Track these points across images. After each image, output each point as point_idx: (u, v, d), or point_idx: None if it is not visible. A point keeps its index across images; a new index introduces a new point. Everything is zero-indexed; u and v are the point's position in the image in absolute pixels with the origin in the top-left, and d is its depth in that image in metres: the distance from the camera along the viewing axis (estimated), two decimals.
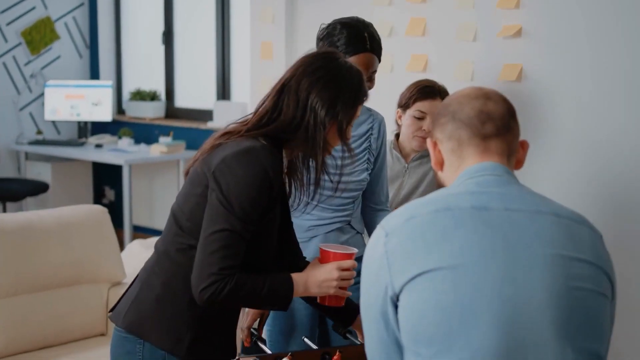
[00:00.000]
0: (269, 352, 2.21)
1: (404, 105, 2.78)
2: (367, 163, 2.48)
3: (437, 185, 1.60)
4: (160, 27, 6.06)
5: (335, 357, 2.10)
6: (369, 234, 2.57)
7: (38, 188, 5.63)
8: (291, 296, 1.87)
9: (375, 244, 1.46)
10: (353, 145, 2.42)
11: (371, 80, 2.37)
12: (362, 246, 2.55)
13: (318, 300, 2.01)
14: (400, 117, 2.81)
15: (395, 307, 1.41)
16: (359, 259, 2.47)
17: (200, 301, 1.79)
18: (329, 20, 2.41)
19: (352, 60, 2.29)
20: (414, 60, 3.14)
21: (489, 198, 1.44)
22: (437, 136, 1.54)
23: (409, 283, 1.38)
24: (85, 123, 6.10)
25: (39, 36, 6.05)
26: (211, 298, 1.77)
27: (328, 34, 2.36)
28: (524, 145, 1.54)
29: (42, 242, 3.19)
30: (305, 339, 2.38)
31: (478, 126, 1.48)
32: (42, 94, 6.04)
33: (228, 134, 1.88)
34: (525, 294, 1.36)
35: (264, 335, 2.48)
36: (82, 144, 5.92)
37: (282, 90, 1.87)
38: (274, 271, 1.91)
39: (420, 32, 3.15)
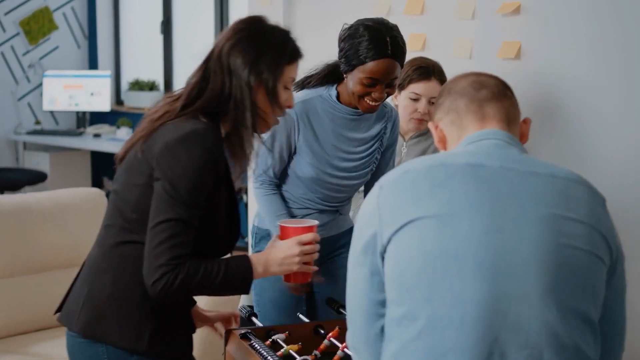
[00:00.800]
0: (260, 325, 2.21)
1: (399, 86, 2.76)
2: (374, 162, 2.49)
3: None
4: (159, 17, 6.04)
5: (333, 333, 2.08)
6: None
7: (36, 178, 5.61)
8: (250, 279, 1.81)
9: (370, 198, 1.48)
10: (361, 148, 2.43)
11: (391, 87, 2.32)
12: (344, 222, 2.56)
13: (283, 279, 1.96)
14: (396, 97, 2.79)
15: (382, 259, 1.42)
16: (347, 232, 2.52)
17: (153, 295, 1.72)
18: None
19: (372, 65, 2.25)
20: (413, 39, 3.12)
21: (485, 157, 1.44)
22: (437, 117, 1.57)
23: (397, 233, 1.39)
24: (84, 113, 6.08)
25: (37, 26, 6.04)
26: (164, 290, 1.70)
27: (350, 36, 2.30)
28: (526, 121, 1.57)
29: (39, 224, 3.18)
30: (300, 315, 2.36)
31: (473, 93, 1.52)
32: (41, 84, 6.02)
33: (165, 114, 1.80)
34: (512, 245, 1.35)
35: (254, 306, 2.48)
36: (80, 134, 5.90)
37: (209, 59, 1.82)
38: (225, 255, 1.86)
39: (419, 11, 3.13)
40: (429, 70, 2.71)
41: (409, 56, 2.79)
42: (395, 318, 1.39)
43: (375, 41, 2.25)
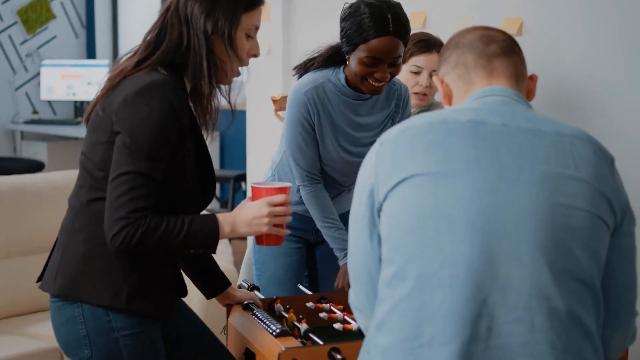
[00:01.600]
0: (262, 296, 2.18)
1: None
2: None
3: None
4: (157, 5, 6.01)
5: (339, 307, 2.05)
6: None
7: (34, 167, 5.58)
8: (216, 238, 1.75)
9: (370, 154, 1.45)
10: (373, 133, 2.35)
11: (395, 66, 2.24)
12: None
13: (256, 242, 1.91)
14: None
15: (379, 216, 1.39)
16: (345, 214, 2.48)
17: (113, 249, 1.68)
18: None
19: (374, 43, 2.18)
20: (413, 17, 3.08)
21: (489, 114, 1.40)
22: (442, 72, 1.52)
23: (393, 190, 1.37)
24: (82, 103, 6.05)
25: (35, 15, 6.01)
26: (123, 244, 1.66)
27: (351, 14, 2.23)
28: (533, 78, 1.53)
29: (35, 205, 3.17)
30: (300, 286, 2.33)
31: (482, 47, 1.47)
32: (38, 74, 5.99)
33: (122, 70, 1.76)
34: (505, 204, 1.32)
35: (255, 282, 2.45)
36: (78, 123, 5.87)
37: (167, 12, 1.78)
38: (197, 213, 1.81)
39: None
40: (430, 43, 2.68)
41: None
42: (386, 278, 1.37)
43: (376, 18, 2.18)
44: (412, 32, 2.78)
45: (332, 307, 2.10)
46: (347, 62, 2.27)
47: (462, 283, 1.30)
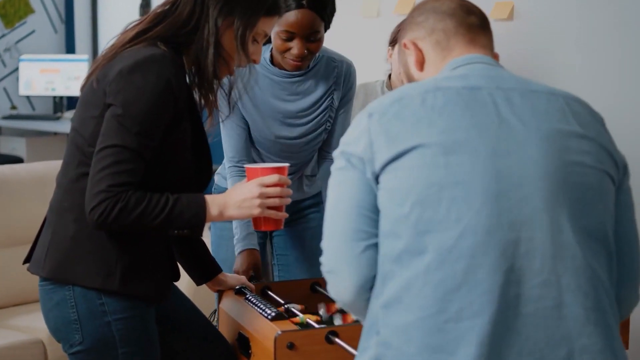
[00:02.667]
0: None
1: (392, 42, 2.69)
2: (327, 123, 2.33)
3: None
4: (138, 0, 5.93)
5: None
6: (320, 178, 2.44)
7: (12, 163, 5.47)
8: (202, 219, 1.66)
9: (357, 125, 1.37)
10: (308, 111, 2.28)
11: (313, 42, 2.15)
12: (312, 186, 2.45)
13: (253, 227, 1.84)
14: (390, 55, 2.72)
15: (376, 185, 1.32)
16: (314, 196, 2.41)
17: (91, 223, 1.61)
18: None
19: (287, 16, 2.07)
20: (402, 2, 3.06)
21: (479, 79, 1.37)
22: (413, 35, 1.47)
23: (394, 162, 1.30)
24: (61, 98, 5.95)
25: (13, 10, 5.90)
26: (100, 219, 1.58)
27: None
28: (496, 57, 1.49)
29: (17, 196, 3.12)
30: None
31: (463, 16, 1.45)
32: (17, 69, 5.89)
33: (122, 40, 1.70)
34: (519, 167, 1.28)
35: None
36: (57, 119, 5.78)
37: None
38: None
39: None
40: None
41: (399, 21, 2.72)
42: (392, 253, 1.29)
43: None
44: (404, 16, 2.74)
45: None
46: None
47: (485, 252, 1.25)
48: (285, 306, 1.95)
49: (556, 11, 2.77)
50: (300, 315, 1.88)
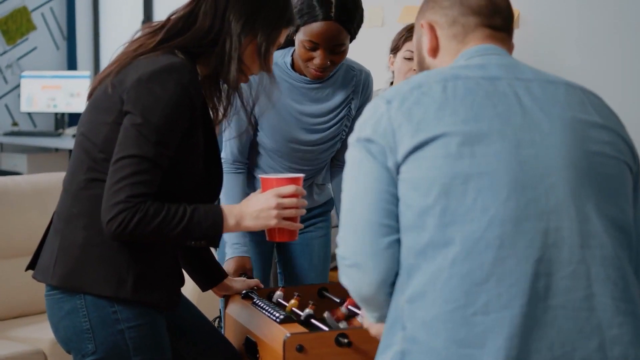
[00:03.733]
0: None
1: (394, 49, 2.68)
2: (343, 132, 2.31)
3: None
4: (140, 16, 5.93)
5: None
6: (332, 189, 2.41)
7: None
8: (220, 230, 1.64)
9: (374, 113, 1.32)
10: (325, 119, 2.25)
11: (337, 54, 2.13)
12: (321, 194, 2.41)
13: (268, 238, 1.81)
14: (392, 63, 2.71)
15: (397, 174, 1.28)
16: (324, 204, 2.39)
17: (109, 235, 1.57)
18: None
19: (313, 27, 2.06)
20: (406, 11, 3.05)
21: (497, 69, 1.35)
22: (434, 18, 1.43)
23: (417, 151, 1.26)
24: (62, 115, 5.94)
25: (15, 26, 5.91)
26: (119, 230, 1.56)
27: None
28: (511, 49, 1.46)
29: (17, 207, 3.10)
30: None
31: (487, 16, 1.41)
32: (18, 85, 5.88)
33: (139, 47, 1.67)
34: (544, 157, 1.26)
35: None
36: (59, 135, 5.76)
37: None
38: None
39: None
40: None
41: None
42: (417, 246, 1.26)
43: (320, 1, 2.06)
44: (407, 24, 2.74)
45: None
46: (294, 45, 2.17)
47: (513, 243, 1.22)
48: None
49: (561, 19, 2.76)
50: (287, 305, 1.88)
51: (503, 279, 1.21)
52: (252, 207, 1.70)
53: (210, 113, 1.77)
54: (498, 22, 1.41)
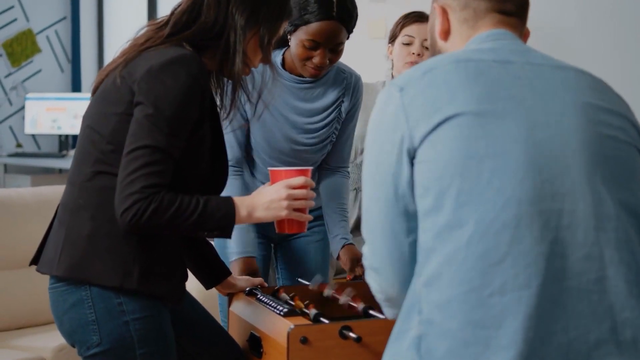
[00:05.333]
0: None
1: (392, 37, 2.71)
2: (333, 134, 2.32)
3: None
4: None
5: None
6: (319, 193, 2.39)
7: None
8: (232, 220, 1.65)
9: (388, 101, 1.32)
10: (316, 119, 2.26)
11: (336, 53, 2.16)
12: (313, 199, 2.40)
13: (277, 230, 1.82)
14: (391, 52, 2.73)
15: (411, 164, 1.28)
16: (317, 210, 2.35)
17: (123, 226, 1.57)
18: None
19: (315, 26, 2.09)
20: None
21: (509, 53, 1.35)
22: (447, 2, 1.44)
23: (432, 133, 1.25)
24: (67, 137, 5.96)
25: (20, 48, 5.95)
26: (134, 220, 1.55)
27: None
28: (527, 33, 1.48)
29: (21, 218, 3.09)
30: (300, 279, 2.22)
31: (500, 1, 1.41)
32: (23, 107, 5.90)
33: (147, 41, 1.69)
34: (559, 138, 1.25)
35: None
36: (62, 156, 5.77)
37: None
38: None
39: None
40: (421, 14, 2.65)
41: (405, 2, 2.73)
42: (432, 229, 1.24)
43: (321, 0, 2.09)
44: (402, 3, 2.75)
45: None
46: (288, 45, 2.19)
47: (529, 223, 1.20)
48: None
49: (562, 23, 2.78)
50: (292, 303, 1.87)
51: (519, 259, 1.20)
52: (264, 198, 1.71)
53: (218, 107, 1.78)
54: (510, 8, 1.41)
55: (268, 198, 1.71)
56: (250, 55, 1.73)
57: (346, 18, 2.12)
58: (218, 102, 1.79)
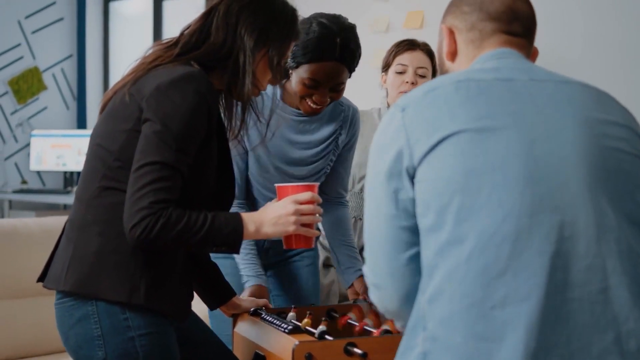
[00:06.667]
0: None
1: (385, 67, 2.74)
2: (328, 166, 2.32)
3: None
4: None
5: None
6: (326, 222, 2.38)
7: None
8: (240, 236, 1.65)
9: (390, 121, 1.34)
10: (311, 152, 2.27)
11: (336, 91, 2.15)
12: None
13: (285, 246, 1.82)
14: (384, 80, 2.76)
15: (412, 183, 1.29)
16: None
17: (132, 241, 1.57)
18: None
19: (316, 66, 2.09)
20: (410, 17, 3.10)
21: (512, 71, 1.36)
22: (454, 23, 1.46)
23: (432, 151, 1.27)
24: (71, 173, 5.98)
25: (26, 86, 6.01)
26: (142, 236, 1.56)
27: (301, 29, 2.05)
28: (535, 54, 1.49)
29: (26, 248, 3.08)
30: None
31: (506, 22, 1.43)
32: (28, 144, 5.95)
33: (156, 59, 1.70)
34: (559, 151, 1.26)
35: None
36: (67, 193, 5.79)
37: (210, 12, 1.73)
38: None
39: None
40: (413, 42, 2.67)
41: (408, 35, 2.76)
42: (435, 247, 1.25)
43: (323, 41, 2.08)
44: (414, 36, 2.78)
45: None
46: (289, 78, 2.18)
47: (529, 236, 1.21)
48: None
49: (563, 24, 2.80)
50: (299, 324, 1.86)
51: (520, 272, 1.20)
52: (271, 214, 1.71)
53: (226, 127, 1.80)
54: (517, 29, 1.42)
55: (276, 214, 1.71)
56: (259, 77, 1.75)
57: (348, 59, 2.11)
58: (226, 123, 1.81)
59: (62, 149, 5.87)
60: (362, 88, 3.23)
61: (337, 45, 2.08)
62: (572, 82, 1.36)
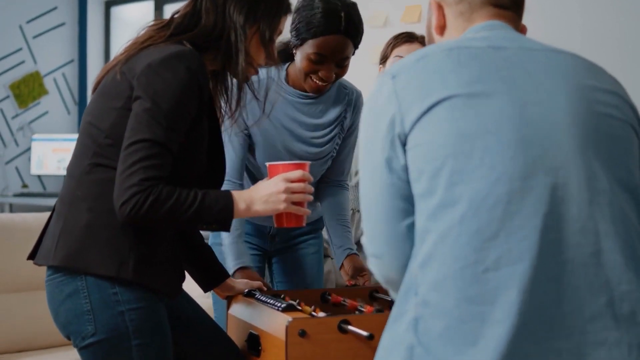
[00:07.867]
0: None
1: (383, 59, 2.74)
2: (334, 150, 2.33)
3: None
4: None
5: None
6: (317, 206, 2.39)
7: None
8: (230, 213, 1.66)
9: (381, 89, 1.33)
10: (318, 134, 2.27)
11: (341, 67, 2.16)
12: (312, 211, 2.34)
13: (275, 225, 1.82)
14: (381, 70, 2.76)
15: (404, 150, 1.28)
16: (316, 222, 2.38)
17: (122, 218, 1.58)
18: None
19: (322, 40, 2.10)
20: (408, 11, 3.11)
21: (502, 40, 1.36)
22: None
23: (423, 117, 1.26)
24: None
25: (28, 90, 6.03)
26: (132, 212, 1.56)
27: (304, 7, 2.14)
28: (523, 30, 1.49)
29: (24, 242, 3.04)
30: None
31: None
32: (29, 149, 5.96)
33: (148, 39, 1.71)
34: (551, 115, 1.26)
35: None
36: None
37: None
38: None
39: None
40: (412, 34, 2.67)
41: (406, 29, 2.76)
42: (428, 211, 1.24)
43: (328, 15, 2.09)
44: (412, 30, 2.78)
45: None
46: (294, 58, 2.19)
47: (522, 198, 1.20)
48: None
49: (562, 13, 2.80)
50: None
51: (513, 233, 1.20)
52: (262, 192, 1.71)
53: (222, 107, 1.80)
54: (505, 2, 1.42)
55: (266, 191, 1.71)
56: (253, 54, 1.75)
57: (353, 33, 2.13)
58: (223, 103, 1.81)
59: (63, 153, 5.87)
60: (360, 83, 3.24)
61: (342, 18, 2.10)
62: (563, 51, 1.36)
